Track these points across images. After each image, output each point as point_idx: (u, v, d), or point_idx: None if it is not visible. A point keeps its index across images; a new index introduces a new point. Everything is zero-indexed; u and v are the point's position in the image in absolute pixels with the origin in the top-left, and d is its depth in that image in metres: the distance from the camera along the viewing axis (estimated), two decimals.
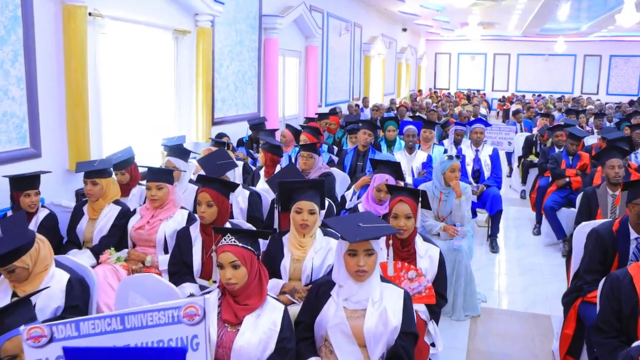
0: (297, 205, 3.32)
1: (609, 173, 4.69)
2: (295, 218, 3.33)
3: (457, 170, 4.80)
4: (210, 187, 3.42)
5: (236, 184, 3.61)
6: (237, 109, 7.95)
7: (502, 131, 7.92)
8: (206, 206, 3.39)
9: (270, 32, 8.60)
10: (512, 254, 6.32)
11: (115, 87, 5.70)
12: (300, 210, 3.32)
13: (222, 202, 3.43)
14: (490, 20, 19.42)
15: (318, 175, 5.24)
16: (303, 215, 3.31)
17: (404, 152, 6.46)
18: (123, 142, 5.56)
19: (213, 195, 3.39)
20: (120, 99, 5.81)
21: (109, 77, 5.57)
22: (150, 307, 1.81)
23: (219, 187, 3.45)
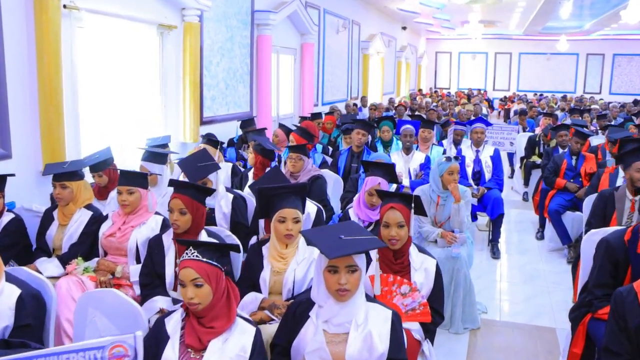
0: (279, 214, 3.03)
1: (635, 176, 4.30)
2: (279, 228, 3.03)
3: (456, 172, 4.49)
4: (182, 193, 3.13)
5: (212, 190, 3.29)
6: (227, 107, 7.65)
7: (503, 131, 7.60)
8: (179, 214, 3.10)
9: (263, 28, 8.30)
10: (514, 260, 6.01)
11: (95, 84, 5.41)
12: (283, 219, 3.02)
13: (196, 209, 3.13)
14: (492, 19, 19.12)
15: (307, 178, 4.94)
16: (287, 225, 3.02)
17: (400, 153, 6.15)
18: (104, 143, 5.26)
19: (186, 201, 3.10)
20: (101, 98, 5.52)
21: (88, 74, 5.28)
22: (69, 347, 1.51)
23: (193, 192, 3.15)
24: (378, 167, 4.05)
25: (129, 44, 5.77)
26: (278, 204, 3.05)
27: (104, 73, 5.51)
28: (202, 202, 3.19)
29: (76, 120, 5.02)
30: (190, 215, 3.11)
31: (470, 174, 6.44)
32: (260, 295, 3.03)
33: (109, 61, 5.57)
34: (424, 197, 4.59)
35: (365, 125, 6.11)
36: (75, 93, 4.99)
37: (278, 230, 3.03)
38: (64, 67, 4.71)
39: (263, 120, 8.43)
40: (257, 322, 2.93)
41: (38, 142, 4.57)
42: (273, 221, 3.06)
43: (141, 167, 4.46)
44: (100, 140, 5.35)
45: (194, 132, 6.57)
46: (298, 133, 6.25)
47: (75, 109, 5.00)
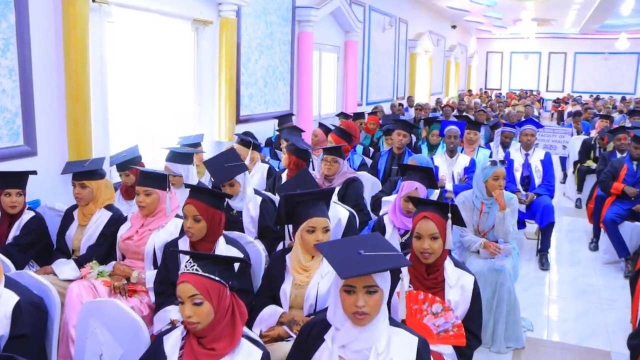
0: (308, 223, 2.78)
1: None
2: (307, 238, 2.78)
3: (502, 178, 4.14)
4: (197, 199, 2.90)
5: (228, 195, 3.03)
6: (266, 106, 7.45)
7: (556, 134, 7.12)
8: (193, 220, 2.88)
9: (305, 25, 8.07)
10: (564, 272, 5.58)
11: (126, 81, 5.27)
12: (312, 228, 2.77)
13: (212, 216, 2.90)
14: (546, 17, 18.39)
15: (342, 181, 4.68)
16: (317, 235, 2.77)
17: (444, 156, 5.80)
18: (134, 141, 5.14)
19: (200, 207, 2.87)
20: (133, 95, 5.38)
21: (119, 71, 5.15)
22: None
23: (209, 198, 2.92)
24: (416, 171, 3.75)
25: (162, 40, 5.62)
26: (305, 212, 2.81)
27: (135, 69, 5.38)
28: (220, 207, 2.96)
29: (105, 117, 4.89)
30: (205, 223, 2.88)
31: (519, 179, 6.04)
32: (280, 309, 2.79)
33: (141, 57, 5.43)
34: (466, 203, 4.29)
35: (406, 125, 5.79)
36: (104, 89, 4.85)
37: (306, 240, 2.78)
38: (93, 63, 4.58)
39: (303, 120, 8.21)
40: (274, 339, 2.69)
41: (64, 140, 4.45)
42: (300, 230, 2.80)
43: (165, 167, 4.29)
44: (130, 138, 5.22)
45: (229, 131, 6.38)
46: (337, 134, 5.99)
47: (104, 105, 4.87)
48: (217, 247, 2.99)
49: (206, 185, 4.51)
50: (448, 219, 2.69)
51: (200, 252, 2.07)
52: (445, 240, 2.67)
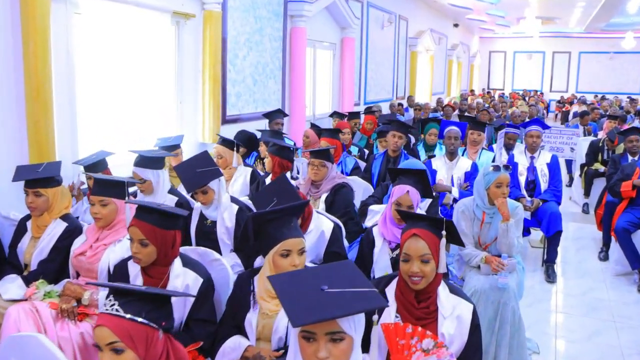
0: (282, 246, 2.35)
1: None
2: (281, 263, 2.35)
3: (506, 185, 3.72)
4: (142, 219, 2.46)
5: (180, 215, 2.58)
6: (256, 105, 7.04)
7: (563, 135, 6.70)
8: (139, 244, 2.46)
9: (297, 20, 7.66)
10: (572, 285, 5.16)
11: (99, 78, 4.87)
12: (287, 252, 2.35)
13: (162, 239, 2.48)
14: (550, 15, 17.95)
15: (330, 187, 4.28)
16: (292, 259, 2.35)
17: (443, 159, 5.39)
18: (109, 143, 4.76)
19: (147, 230, 2.44)
20: (107, 93, 4.98)
21: (91, 67, 4.75)
22: None
23: (157, 219, 2.47)
24: (408, 174, 3.33)
25: (139, 34, 5.22)
26: (277, 233, 2.37)
27: (110, 66, 4.98)
28: (173, 227, 2.54)
29: (72, 118, 4.49)
30: (154, 247, 2.47)
31: (524, 183, 5.63)
32: (245, 341, 2.38)
33: (116, 53, 5.03)
34: (466, 212, 3.88)
35: (401, 126, 5.37)
36: (72, 87, 4.46)
37: (280, 266, 2.35)
38: (57, 58, 4.19)
39: (296, 120, 7.81)
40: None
41: (24, 142, 4.05)
42: (272, 254, 2.38)
43: (133, 172, 3.89)
44: (104, 141, 4.84)
45: (213, 132, 5.98)
46: (328, 135, 5.57)
47: (72, 104, 4.48)
48: (171, 270, 2.58)
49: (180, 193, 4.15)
50: (442, 237, 2.27)
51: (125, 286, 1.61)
52: (438, 263, 2.26)
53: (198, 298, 2.54)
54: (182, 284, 2.55)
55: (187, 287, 2.55)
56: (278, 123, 6.57)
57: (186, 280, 2.56)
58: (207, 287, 2.62)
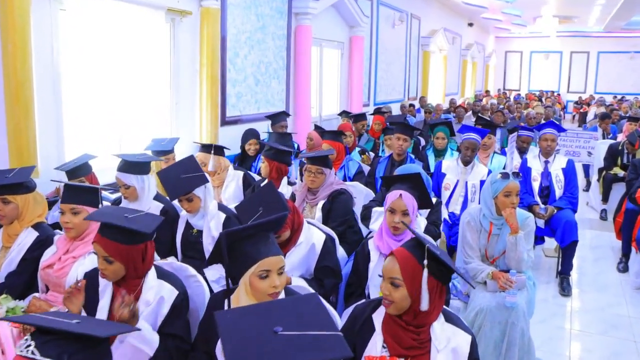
0: (260, 267, 2.08)
1: None
2: (260, 286, 2.08)
3: (515, 194, 3.42)
4: (104, 236, 2.24)
5: (146, 235, 2.30)
6: (258, 106, 6.78)
7: (580, 138, 6.33)
8: (104, 261, 2.23)
9: (302, 18, 7.38)
10: (589, 299, 4.83)
11: (89, 79, 4.64)
12: (266, 273, 2.08)
13: (127, 255, 2.24)
14: (568, 14, 17.49)
15: (328, 193, 4.01)
16: (272, 280, 2.09)
17: (456, 161, 5.00)
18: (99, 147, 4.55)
19: (110, 247, 2.22)
20: (97, 94, 4.75)
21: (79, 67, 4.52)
22: None
23: (119, 235, 2.23)
24: (402, 181, 3.04)
25: (131, 32, 4.98)
26: (254, 251, 2.10)
27: (101, 65, 4.75)
28: (142, 241, 2.29)
29: (58, 120, 4.27)
30: (121, 264, 2.23)
31: (537, 189, 5.32)
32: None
33: (106, 51, 4.80)
34: (472, 223, 3.58)
35: (406, 129, 5.07)
36: (57, 88, 4.24)
37: (258, 288, 2.08)
38: (42, 58, 3.99)
39: (301, 121, 7.54)
40: None
41: (4, 146, 3.83)
42: (249, 275, 2.10)
43: (116, 178, 3.65)
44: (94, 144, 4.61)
45: (211, 133, 5.73)
46: (329, 137, 5.30)
47: (57, 106, 4.26)
48: (145, 282, 2.35)
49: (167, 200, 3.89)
50: (424, 267, 1.95)
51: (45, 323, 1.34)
52: (415, 295, 1.94)
53: (172, 311, 2.35)
54: (156, 296, 2.35)
55: (161, 300, 2.35)
56: (282, 126, 6.31)
57: (160, 292, 2.36)
58: (183, 301, 2.41)
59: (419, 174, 3.08)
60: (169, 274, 2.46)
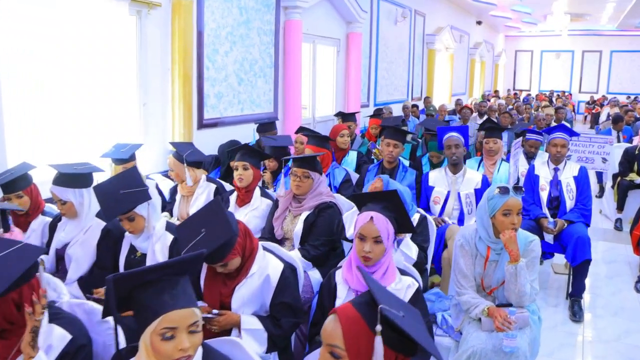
0: (164, 323, 1.58)
1: None
2: (163, 348, 1.59)
3: (516, 212, 2.86)
4: None
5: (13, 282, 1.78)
6: (241, 107, 6.26)
7: (593, 143, 5.72)
8: None
9: (292, 12, 6.85)
10: (604, 325, 4.25)
11: (40, 78, 4.13)
12: (171, 332, 1.59)
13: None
14: (579, 11, 16.85)
15: (315, 204, 3.50)
16: (180, 342, 1.60)
17: (445, 171, 4.50)
18: (49, 155, 4.04)
19: None
20: (49, 95, 4.24)
21: (28, 65, 4.01)
22: None
23: None
24: (375, 199, 2.51)
25: (91, 25, 4.44)
26: (156, 304, 1.60)
27: (54, 62, 4.23)
28: (11, 288, 1.77)
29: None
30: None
31: (546, 200, 4.75)
32: None
33: (61, 47, 4.28)
34: (466, 247, 3.02)
35: (396, 133, 4.52)
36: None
37: (161, 351, 1.58)
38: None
39: (291, 124, 6.99)
40: None
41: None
42: (149, 334, 1.59)
43: (52, 192, 3.15)
44: (45, 151, 4.11)
45: (185, 137, 5.22)
46: (313, 143, 4.76)
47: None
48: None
49: None
50: (376, 334, 1.40)
51: None
52: None
53: None
54: (43, 345, 1.88)
55: (49, 348, 1.89)
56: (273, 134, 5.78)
57: (48, 340, 1.90)
58: (79, 350, 1.95)
59: (396, 191, 2.52)
60: (65, 318, 1.97)
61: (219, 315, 2.51)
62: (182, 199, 4.24)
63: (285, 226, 3.58)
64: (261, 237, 3.68)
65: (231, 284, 2.55)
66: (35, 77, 4.12)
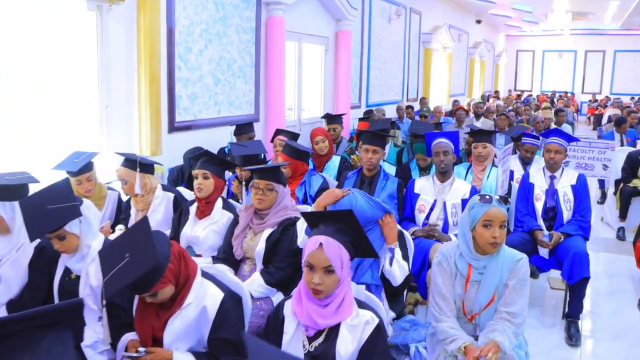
0: None
1: None
2: None
3: (498, 224, 2.47)
4: None
5: None
6: (218, 109, 5.88)
7: (594, 149, 5.28)
8: None
9: (274, 8, 6.47)
10: (604, 352, 3.86)
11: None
12: None
13: None
14: (582, 10, 16.44)
15: (279, 220, 3.13)
16: None
17: (431, 179, 4.12)
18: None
19: None
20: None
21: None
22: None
23: None
24: (328, 220, 2.13)
25: (44, 22, 4.07)
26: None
27: (4, 62, 3.87)
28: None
29: None
30: None
31: (541, 211, 4.37)
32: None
33: (14, 45, 3.91)
34: (444, 264, 2.64)
35: (375, 138, 4.13)
36: None
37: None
38: None
39: (274, 125, 6.59)
40: None
41: None
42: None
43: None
44: None
45: (153, 142, 4.85)
46: (287, 152, 4.34)
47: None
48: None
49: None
50: None
51: None
52: None
53: None
54: None
55: None
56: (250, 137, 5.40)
57: None
58: None
59: (351, 211, 2.15)
60: None
61: (147, 353, 2.15)
62: (137, 213, 3.84)
63: (245, 244, 3.21)
64: (215, 257, 3.31)
65: (164, 316, 2.20)
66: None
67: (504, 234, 2.50)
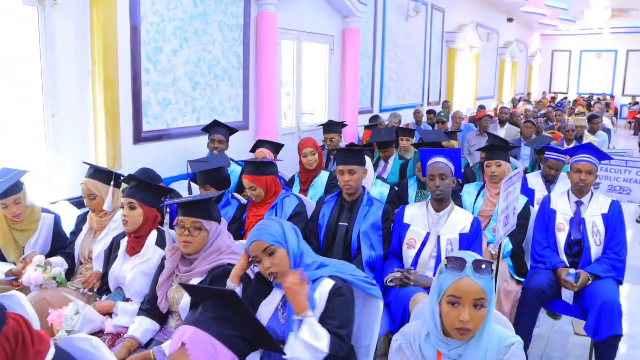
0: None
1: None
2: None
3: (470, 302, 1.73)
4: None
5: None
6: (197, 116, 5.22)
7: (631, 169, 4.35)
8: None
9: (265, 3, 5.76)
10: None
11: None
12: None
13: None
14: (623, 6, 15.30)
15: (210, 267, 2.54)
16: None
17: (425, 207, 3.35)
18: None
19: None
20: None
21: None
22: None
23: None
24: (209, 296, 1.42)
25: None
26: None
27: None
28: None
29: None
30: None
31: (564, 244, 3.57)
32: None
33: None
34: (407, 351, 1.90)
35: (349, 156, 3.39)
36: None
37: None
38: None
39: (265, 133, 5.90)
40: None
41: None
42: None
43: None
44: None
45: (111, 153, 4.19)
46: (251, 172, 3.61)
47: None
48: None
49: None
50: None
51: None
52: None
53: None
54: None
55: None
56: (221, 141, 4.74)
57: None
58: None
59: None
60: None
61: None
62: (89, 231, 3.26)
63: (170, 296, 2.52)
64: (140, 308, 2.63)
65: None
66: None
67: (479, 317, 1.73)
